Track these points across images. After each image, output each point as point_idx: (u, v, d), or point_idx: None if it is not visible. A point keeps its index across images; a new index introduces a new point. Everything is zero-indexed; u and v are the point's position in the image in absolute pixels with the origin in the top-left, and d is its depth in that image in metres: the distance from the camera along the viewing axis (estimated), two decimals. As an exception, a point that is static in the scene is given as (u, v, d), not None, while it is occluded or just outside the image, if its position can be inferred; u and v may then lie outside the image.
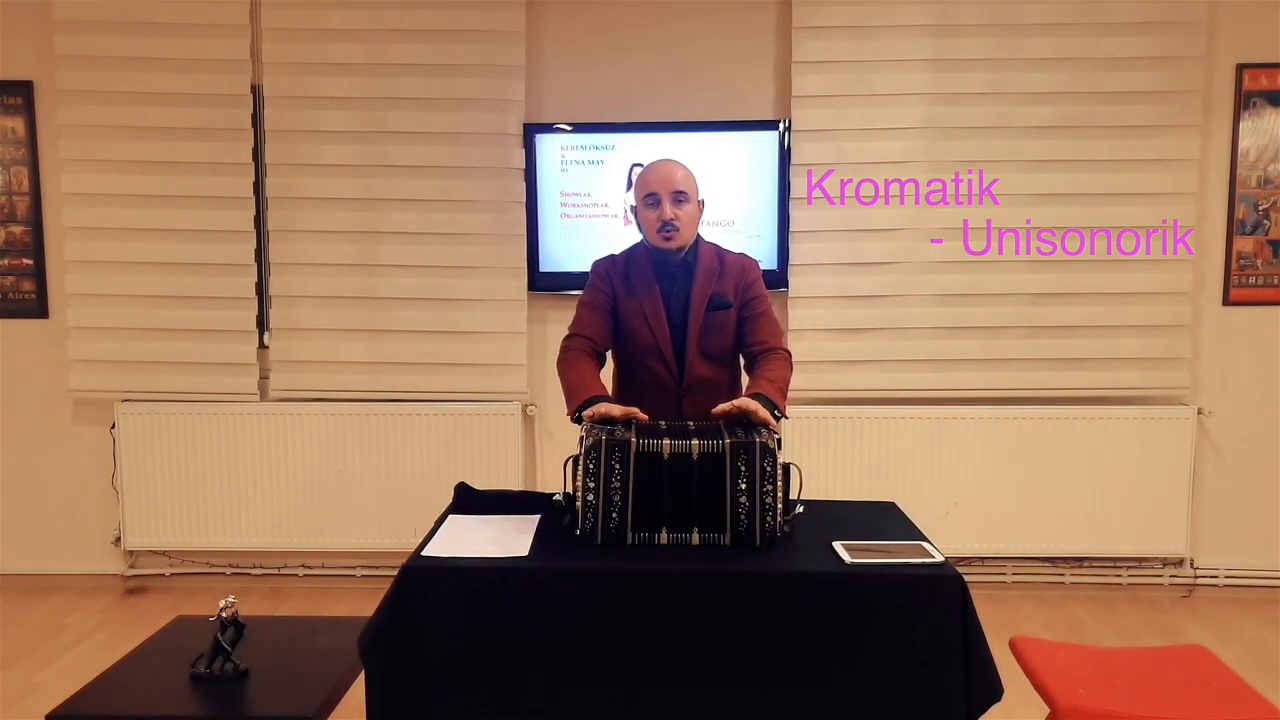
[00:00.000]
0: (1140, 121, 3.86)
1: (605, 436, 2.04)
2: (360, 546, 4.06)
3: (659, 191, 2.43)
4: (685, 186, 2.45)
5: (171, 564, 4.17)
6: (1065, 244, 3.90)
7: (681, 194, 2.44)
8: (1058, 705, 2.03)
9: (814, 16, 3.87)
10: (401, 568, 1.94)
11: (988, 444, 3.96)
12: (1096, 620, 3.78)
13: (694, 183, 2.49)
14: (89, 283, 3.98)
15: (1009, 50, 3.86)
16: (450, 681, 1.91)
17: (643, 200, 2.47)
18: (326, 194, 3.95)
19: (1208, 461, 4.04)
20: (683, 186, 2.45)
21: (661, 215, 2.43)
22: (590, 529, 2.05)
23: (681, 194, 2.44)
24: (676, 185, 2.44)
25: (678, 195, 2.44)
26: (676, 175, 2.45)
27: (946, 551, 2.31)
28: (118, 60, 3.90)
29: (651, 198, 2.45)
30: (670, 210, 2.43)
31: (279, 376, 4.02)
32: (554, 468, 4.13)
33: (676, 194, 2.44)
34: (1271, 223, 3.95)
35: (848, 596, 1.90)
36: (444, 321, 4.00)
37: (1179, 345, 3.94)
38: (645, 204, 2.46)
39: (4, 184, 4.02)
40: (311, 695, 2.16)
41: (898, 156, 3.90)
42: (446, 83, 3.91)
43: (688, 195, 2.46)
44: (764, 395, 2.26)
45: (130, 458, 4.02)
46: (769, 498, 2.03)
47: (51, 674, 3.29)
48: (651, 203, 2.45)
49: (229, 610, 2.27)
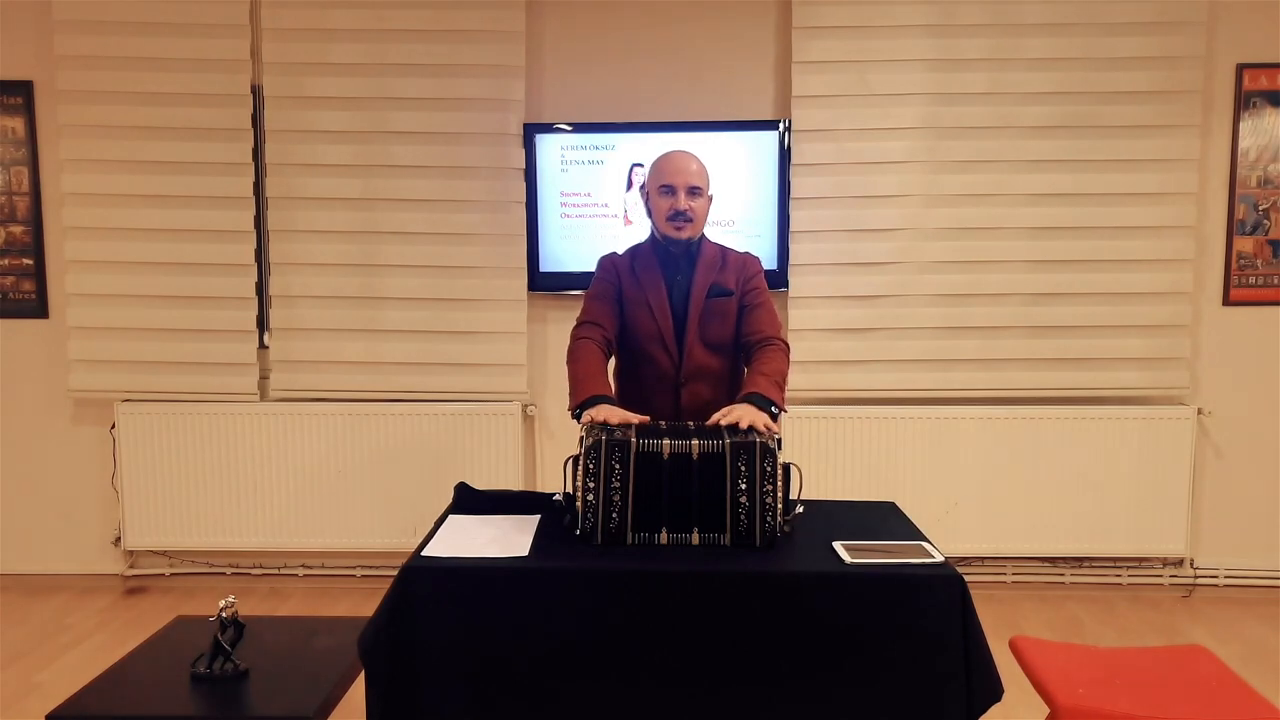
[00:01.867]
0: (1140, 121, 3.87)
1: (605, 437, 2.04)
2: (360, 546, 4.06)
3: (674, 183, 2.48)
4: (699, 181, 2.50)
5: (171, 564, 4.17)
6: (1065, 244, 3.91)
7: (696, 188, 2.49)
8: (1058, 705, 2.03)
9: (814, 16, 3.87)
10: (401, 568, 1.94)
11: (988, 444, 3.96)
12: (1096, 620, 3.78)
13: (707, 177, 2.54)
14: (89, 283, 3.98)
15: (1009, 50, 3.86)
16: (450, 681, 1.92)
17: (657, 189, 2.51)
18: (326, 194, 3.95)
19: (1208, 461, 4.04)
20: (697, 181, 2.50)
21: (675, 205, 2.48)
22: (590, 529, 2.05)
23: (696, 188, 2.49)
24: (692, 180, 2.49)
25: (693, 189, 2.49)
26: (692, 168, 2.50)
27: (946, 551, 2.31)
28: (118, 60, 3.90)
29: (666, 188, 2.49)
30: (685, 201, 2.48)
31: (279, 376, 4.02)
32: (554, 468, 4.13)
33: (692, 188, 2.49)
34: (1271, 223, 3.95)
35: (848, 596, 1.90)
36: (444, 321, 4.00)
37: (1179, 345, 3.94)
38: (659, 192, 2.51)
39: (4, 184, 4.02)
40: (311, 695, 2.16)
41: (898, 156, 3.90)
42: (446, 83, 3.91)
43: (701, 190, 2.51)
44: (760, 394, 2.26)
45: (130, 458, 4.02)
46: (769, 498, 2.03)
47: (51, 674, 3.29)
48: (666, 192, 2.49)
49: (229, 610, 2.28)
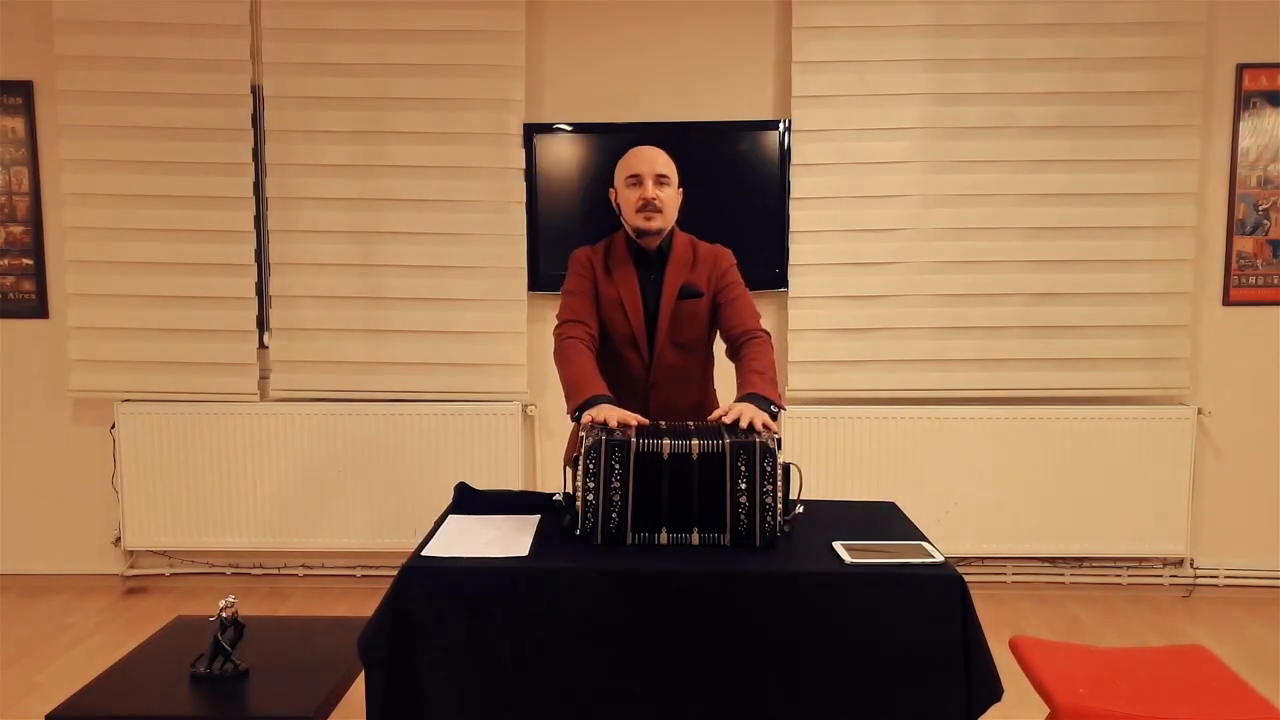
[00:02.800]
0: (1140, 121, 3.87)
1: (605, 437, 2.04)
2: (360, 546, 4.06)
3: (641, 172, 2.47)
4: (667, 170, 2.49)
5: (171, 564, 4.17)
6: (1065, 244, 3.91)
7: (663, 176, 2.48)
8: (1058, 705, 2.03)
9: (814, 16, 3.87)
10: (401, 568, 1.94)
11: (988, 444, 3.96)
12: (1096, 620, 3.78)
13: (675, 169, 2.53)
14: (89, 283, 3.98)
15: (1009, 50, 3.86)
16: (450, 681, 1.92)
17: (624, 181, 2.50)
18: (326, 194, 3.95)
19: (1208, 461, 4.04)
20: (664, 170, 2.49)
21: (644, 194, 2.46)
22: (590, 529, 2.05)
23: (663, 176, 2.48)
24: (659, 168, 2.48)
25: (660, 178, 2.48)
26: (659, 159, 2.49)
27: (946, 551, 2.32)
28: (118, 60, 3.90)
29: (634, 178, 2.48)
30: (652, 190, 2.46)
31: (279, 376, 4.02)
32: (554, 468, 4.13)
33: (659, 176, 2.47)
34: (1271, 223, 3.95)
35: (848, 596, 1.90)
36: (444, 321, 4.00)
37: (1179, 345, 3.95)
38: (627, 184, 2.50)
39: (4, 184, 4.02)
40: (311, 695, 2.16)
41: (898, 156, 3.90)
42: (446, 83, 3.91)
43: (669, 179, 2.50)
44: (759, 394, 2.26)
45: (130, 458, 4.02)
46: (769, 498, 2.02)
47: (51, 674, 3.29)
48: (633, 183, 2.48)
49: (229, 610, 2.28)
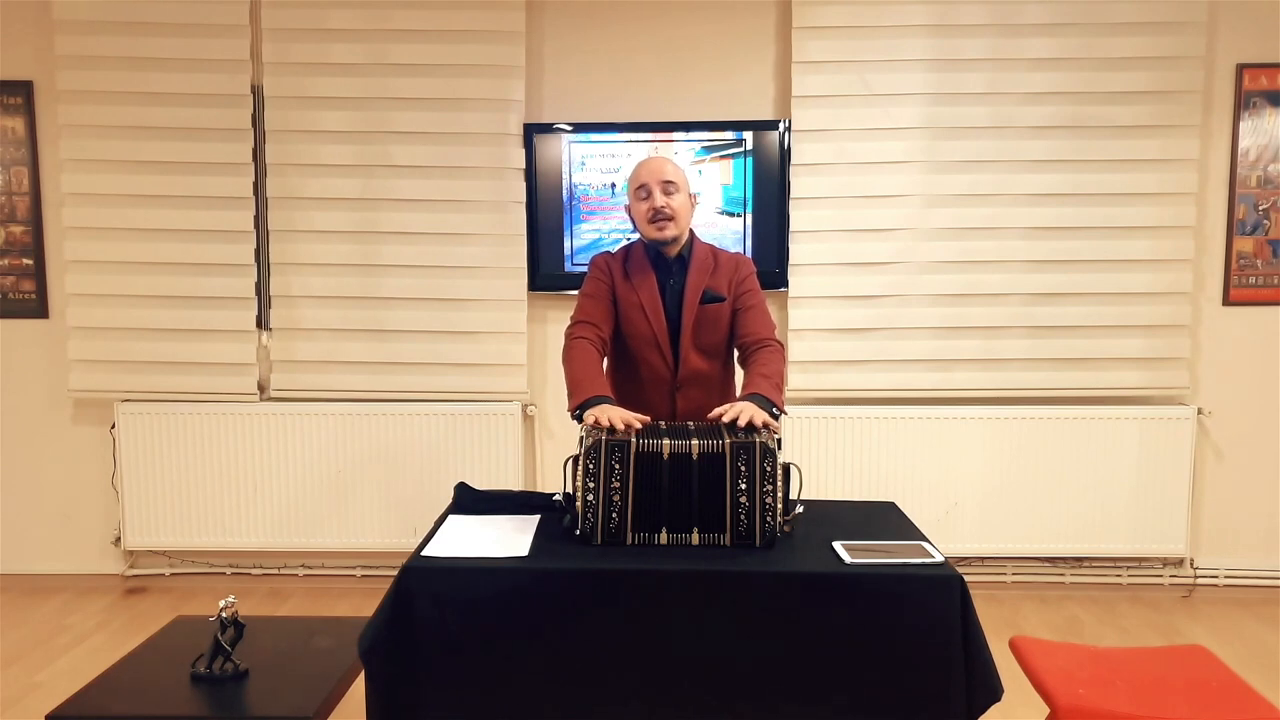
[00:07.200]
0: (1140, 121, 3.86)
1: (605, 437, 2.04)
2: (360, 546, 4.06)
3: (649, 183, 2.49)
4: (674, 178, 2.50)
5: (171, 564, 4.17)
6: (1065, 244, 3.91)
7: (671, 184, 2.49)
8: (1058, 705, 2.03)
9: (814, 16, 3.87)
10: (401, 568, 1.94)
11: (988, 444, 3.96)
12: (1096, 620, 3.78)
13: (683, 176, 2.54)
14: (89, 283, 3.98)
15: (1009, 50, 3.86)
16: (450, 681, 1.92)
17: (634, 194, 2.52)
18: (326, 194, 3.95)
19: (1208, 461, 4.04)
20: (672, 177, 2.50)
21: (653, 204, 2.48)
22: (590, 529, 2.05)
23: (671, 184, 2.49)
24: (666, 176, 2.49)
25: (667, 185, 2.49)
26: (665, 167, 2.51)
27: (946, 551, 2.32)
28: (118, 60, 3.90)
29: (643, 190, 2.50)
30: (661, 199, 2.47)
31: (279, 376, 4.02)
32: (554, 468, 4.13)
33: (666, 184, 2.48)
34: (1271, 223, 3.95)
35: (848, 596, 1.90)
36: (444, 322, 4.00)
37: (1179, 345, 3.94)
38: (637, 197, 2.52)
39: (4, 184, 4.02)
40: (311, 695, 2.16)
41: (898, 156, 3.90)
42: (446, 83, 3.91)
43: (677, 185, 2.50)
44: (761, 395, 2.26)
45: (130, 458, 4.02)
46: (769, 498, 2.03)
47: (51, 674, 3.29)
48: (643, 195, 2.50)
49: (229, 610, 2.28)
